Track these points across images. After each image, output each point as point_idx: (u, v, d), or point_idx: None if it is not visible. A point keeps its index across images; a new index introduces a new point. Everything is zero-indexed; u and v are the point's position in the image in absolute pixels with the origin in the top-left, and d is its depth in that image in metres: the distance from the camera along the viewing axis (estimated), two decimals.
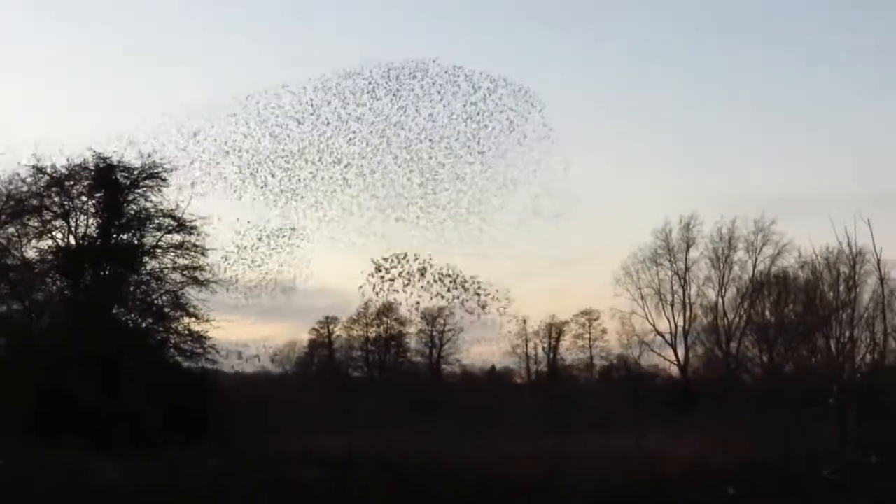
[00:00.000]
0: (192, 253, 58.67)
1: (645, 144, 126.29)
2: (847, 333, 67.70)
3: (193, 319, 58.83)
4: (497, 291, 58.37)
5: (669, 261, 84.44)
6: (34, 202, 56.50)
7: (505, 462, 43.68)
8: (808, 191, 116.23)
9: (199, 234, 58.36)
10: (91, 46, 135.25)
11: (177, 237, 58.67)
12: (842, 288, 69.47)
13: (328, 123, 58.84)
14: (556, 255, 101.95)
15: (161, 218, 58.23)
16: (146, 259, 58.63)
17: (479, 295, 58.33)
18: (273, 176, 59.79)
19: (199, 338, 58.95)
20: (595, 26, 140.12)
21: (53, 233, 57.08)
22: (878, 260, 65.48)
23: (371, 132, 58.91)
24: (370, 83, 58.75)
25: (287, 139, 59.79)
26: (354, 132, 59.51)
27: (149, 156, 57.42)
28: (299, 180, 60.06)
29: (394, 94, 58.52)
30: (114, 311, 57.77)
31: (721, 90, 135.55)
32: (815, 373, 66.26)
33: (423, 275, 58.08)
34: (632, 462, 44.28)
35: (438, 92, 58.91)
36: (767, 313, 79.99)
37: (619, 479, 38.37)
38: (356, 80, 58.31)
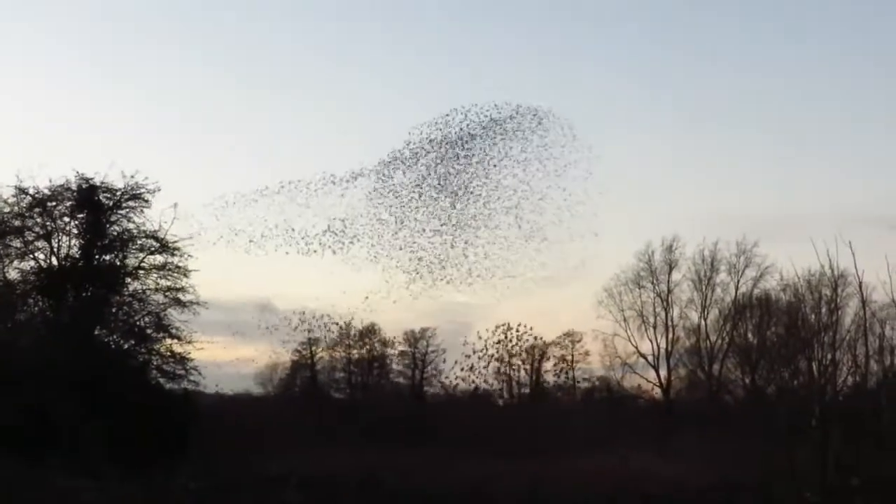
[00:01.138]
0: (175, 274, 58.62)
1: (628, 166, 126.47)
2: (829, 356, 67.80)
3: (176, 341, 58.73)
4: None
5: (652, 283, 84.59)
6: (16, 223, 56.39)
7: (488, 483, 43.70)
8: (791, 213, 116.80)
9: (181, 256, 58.33)
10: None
11: (159, 258, 58.63)
12: (824, 310, 69.58)
13: None
14: (540, 276, 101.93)
15: (144, 239, 58.16)
16: (128, 280, 58.49)
17: None
18: None
19: (182, 359, 58.82)
20: (575, 43, 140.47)
21: (35, 253, 56.93)
22: (860, 282, 65.59)
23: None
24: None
25: None
26: None
27: (132, 177, 57.32)
28: None
29: None
30: (96, 333, 57.58)
31: (702, 112, 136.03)
32: (797, 395, 66.35)
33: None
34: (614, 483, 44.34)
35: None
36: (750, 335, 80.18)
37: (601, 500, 38.50)
38: None
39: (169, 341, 58.72)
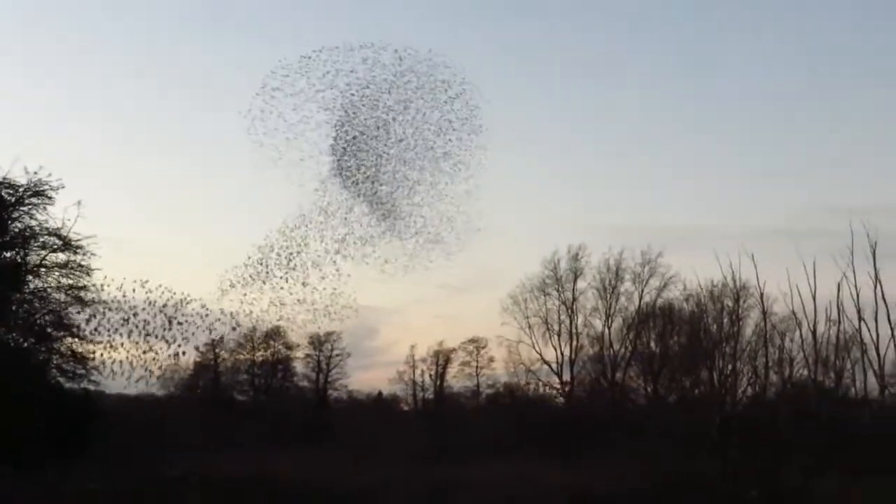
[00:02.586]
0: (77, 272, 57.72)
1: (536, 175, 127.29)
2: (730, 366, 69.05)
3: (77, 340, 57.86)
4: None
5: (557, 290, 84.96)
6: None
7: (387, 487, 43.73)
8: (695, 224, 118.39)
9: (84, 254, 57.47)
10: None
11: (62, 256, 57.64)
12: (725, 321, 70.87)
13: None
14: (446, 282, 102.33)
15: (46, 236, 57.17)
16: (30, 278, 57.45)
17: None
18: None
19: (82, 358, 57.94)
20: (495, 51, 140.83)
21: None
22: (762, 294, 67.16)
23: None
24: None
25: None
26: None
27: (35, 173, 56.32)
28: None
29: None
30: None
31: (609, 123, 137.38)
32: (698, 404, 67.29)
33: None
34: (514, 490, 44.57)
35: None
36: (653, 344, 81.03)
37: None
38: None
39: (70, 340, 57.84)
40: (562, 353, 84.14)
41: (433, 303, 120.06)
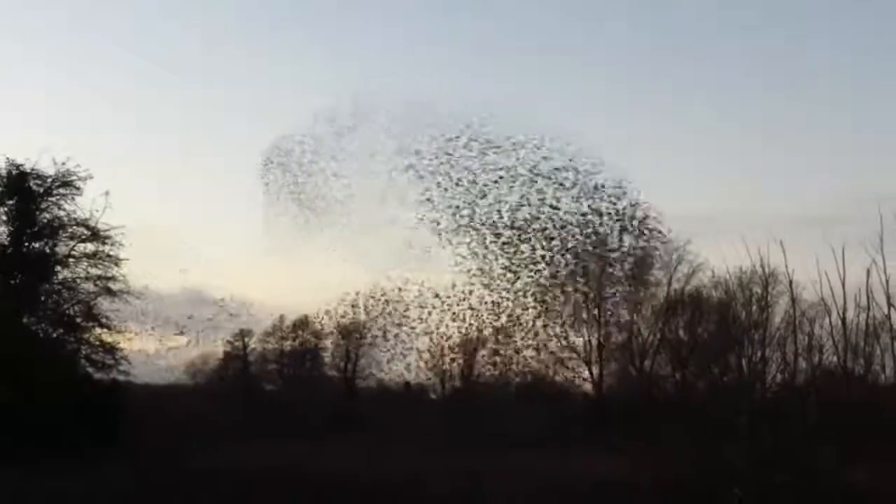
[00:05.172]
0: (106, 263, 58.06)
1: None
2: (759, 353, 68.72)
3: (105, 330, 58.19)
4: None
5: (585, 278, 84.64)
6: None
7: (423, 477, 43.65)
8: (723, 211, 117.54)
9: (112, 244, 57.74)
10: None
11: (90, 246, 58.06)
12: (754, 308, 70.55)
13: None
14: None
15: (74, 227, 57.54)
16: (58, 268, 57.85)
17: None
18: None
19: (111, 349, 58.30)
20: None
21: None
22: (791, 281, 66.74)
23: None
24: None
25: None
26: None
27: (63, 164, 56.64)
28: None
29: None
30: (24, 321, 56.85)
31: (635, 111, 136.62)
32: (727, 391, 66.97)
33: None
34: (550, 478, 44.46)
35: None
36: (681, 332, 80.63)
37: (536, 495, 38.55)
38: None
39: (98, 330, 58.17)
40: (590, 342, 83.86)
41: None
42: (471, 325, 68.61)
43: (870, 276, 65.15)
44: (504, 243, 59.34)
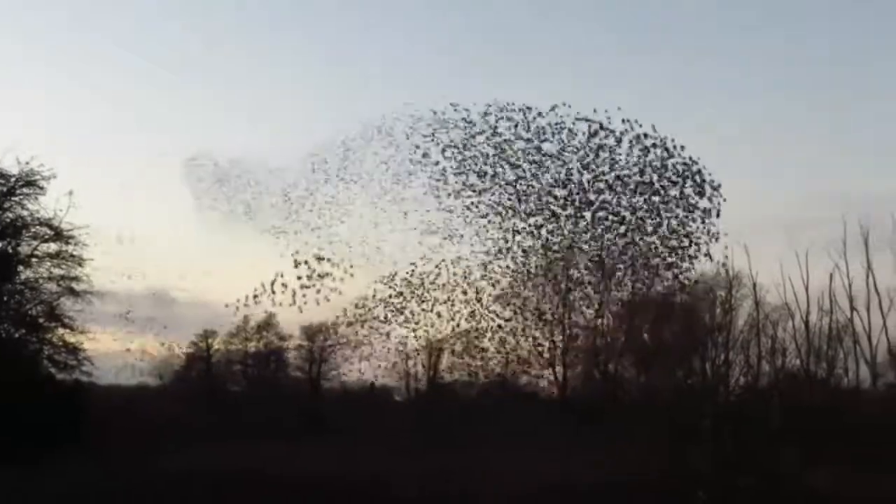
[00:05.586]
0: (69, 263, 57.62)
1: None
2: (722, 356, 69.07)
3: (68, 331, 57.77)
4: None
5: (551, 280, 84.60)
6: None
7: (393, 478, 43.68)
8: None
9: (76, 244, 57.32)
10: None
11: (53, 246, 57.59)
12: (718, 311, 70.83)
13: None
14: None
15: (38, 227, 57.06)
16: (21, 268, 57.35)
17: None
18: None
19: (74, 349, 57.91)
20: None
21: None
22: (754, 284, 67.26)
23: None
24: None
25: None
26: None
27: (27, 163, 56.19)
28: None
29: None
30: None
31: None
32: (691, 394, 67.28)
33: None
34: (517, 477, 44.57)
35: None
36: (645, 334, 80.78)
37: (507, 494, 38.67)
38: None
39: (61, 331, 57.75)
40: (553, 343, 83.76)
41: None
42: (435, 327, 67.69)
43: (833, 281, 65.92)
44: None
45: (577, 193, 52.85)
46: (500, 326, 66.47)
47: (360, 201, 53.36)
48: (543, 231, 54.86)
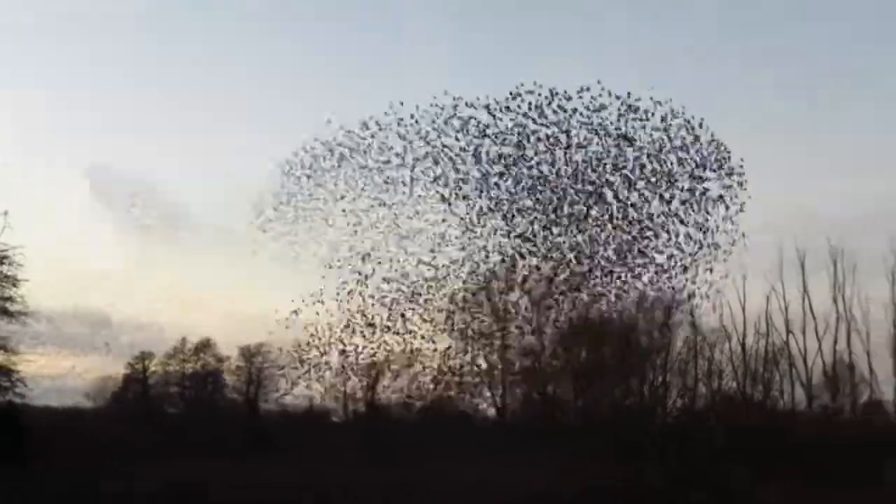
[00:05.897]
0: (3, 283, 56.69)
1: None
2: (660, 378, 69.65)
3: (1, 352, 56.90)
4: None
5: (491, 302, 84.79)
6: None
7: (334, 492, 43.59)
8: None
9: (11, 264, 56.40)
10: None
11: None
12: (656, 333, 71.39)
13: None
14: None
15: None
16: None
17: None
18: None
19: (7, 371, 57.03)
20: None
21: None
22: (692, 307, 67.80)
23: None
24: None
25: None
26: None
27: None
28: None
29: None
30: None
31: None
32: (629, 415, 67.72)
33: None
34: (466, 491, 44.61)
35: None
36: (584, 356, 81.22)
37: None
38: None
39: None
40: (492, 367, 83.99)
41: None
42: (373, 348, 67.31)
43: (769, 303, 66.79)
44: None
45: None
46: (438, 349, 65.80)
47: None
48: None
